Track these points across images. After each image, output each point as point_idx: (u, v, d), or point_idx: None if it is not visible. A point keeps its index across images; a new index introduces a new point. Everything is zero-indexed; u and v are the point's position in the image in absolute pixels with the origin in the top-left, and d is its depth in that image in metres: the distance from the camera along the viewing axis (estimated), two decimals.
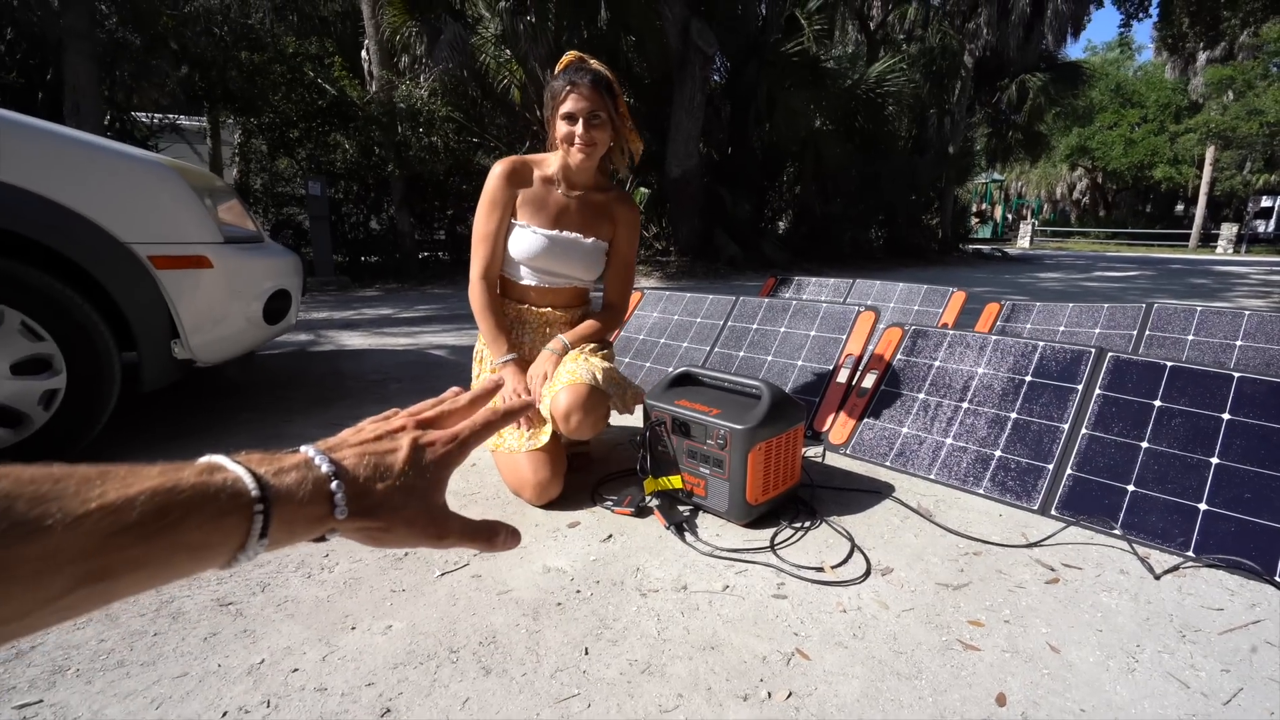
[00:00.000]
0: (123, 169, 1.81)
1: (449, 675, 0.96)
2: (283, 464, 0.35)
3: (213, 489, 0.31)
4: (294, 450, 0.37)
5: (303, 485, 0.34)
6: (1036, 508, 1.53)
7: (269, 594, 1.18)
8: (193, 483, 0.30)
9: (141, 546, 0.27)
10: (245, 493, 0.32)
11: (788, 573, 1.26)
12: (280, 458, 0.35)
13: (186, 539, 0.29)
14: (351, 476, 0.37)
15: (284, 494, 0.33)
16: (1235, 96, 20.09)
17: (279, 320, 2.26)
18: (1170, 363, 1.63)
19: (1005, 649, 1.03)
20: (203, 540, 0.30)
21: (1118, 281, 9.39)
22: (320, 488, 0.35)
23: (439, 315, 5.02)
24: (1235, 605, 1.16)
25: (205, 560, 0.31)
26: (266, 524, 0.32)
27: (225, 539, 0.31)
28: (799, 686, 0.94)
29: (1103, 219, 30.09)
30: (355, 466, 0.37)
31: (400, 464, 0.39)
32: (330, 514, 0.35)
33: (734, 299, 2.65)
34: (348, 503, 0.36)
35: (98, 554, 0.26)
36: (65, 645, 1.03)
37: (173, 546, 0.29)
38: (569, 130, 1.54)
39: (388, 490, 0.38)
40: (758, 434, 1.37)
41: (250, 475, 0.32)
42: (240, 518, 0.31)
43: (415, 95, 8.07)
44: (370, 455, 0.38)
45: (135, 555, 0.27)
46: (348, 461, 0.37)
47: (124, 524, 0.27)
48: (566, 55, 1.60)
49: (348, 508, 0.36)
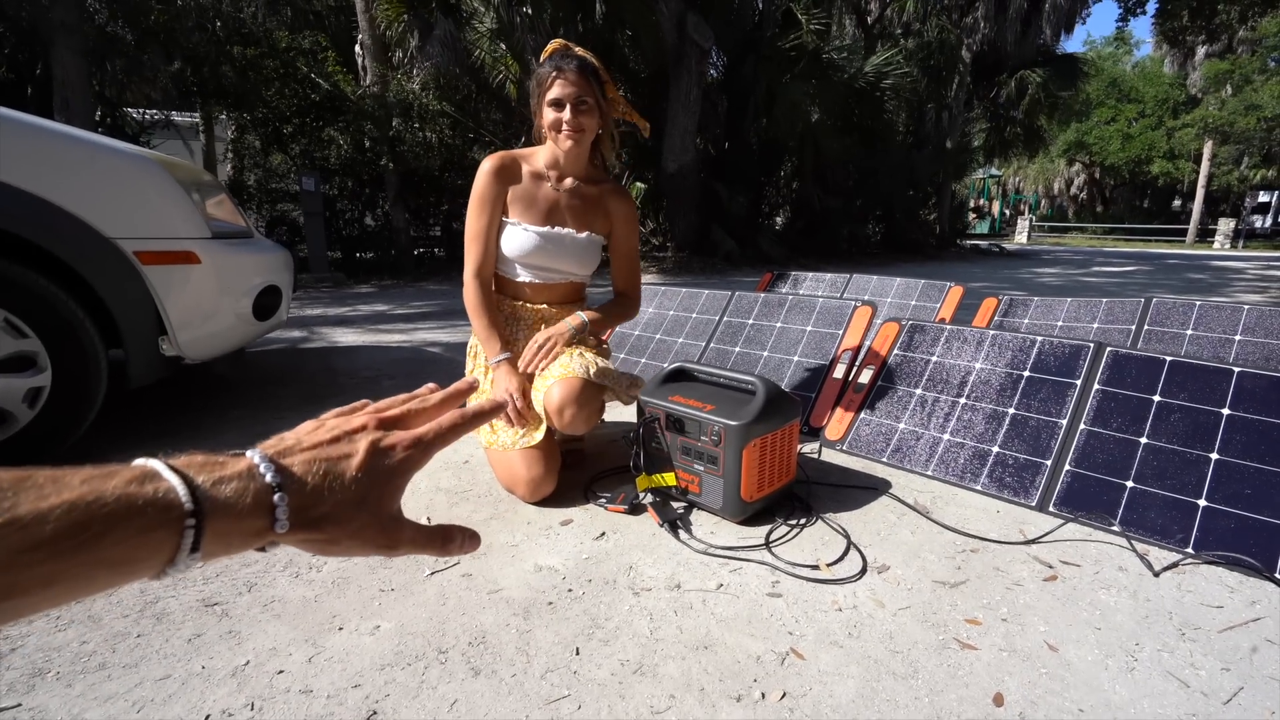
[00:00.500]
0: (106, 163, 1.78)
1: (437, 676, 0.95)
2: (224, 471, 0.33)
3: (140, 502, 0.29)
4: (239, 454, 0.34)
5: (242, 496, 0.32)
6: (1034, 504, 1.52)
7: (255, 594, 1.16)
8: (118, 495, 0.28)
9: (54, 563, 0.26)
10: (177, 505, 0.30)
11: (783, 571, 1.24)
12: (223, 463, 0.33)
13: (107, 555, 0.27)
14: (297, 487, 0.34)
15: (220, 506, 0.31)
16: (1233, 91, 20.08)
17: (269, 317, 2.23)
18: (1170, 357, 1.62)
19: (1003, 648, 1.02)
20: (126, 555, 0.28)
21: (1115, 277, 9.39)
22: (261, 499, 0.33)
23: (434, 312, 4.99)
24: (1235, 602, 1.14)
25: (128, 575, 0.29)
26: (199, 538, 0.30)
27: (152, 554, 0.29)
28: (793, 687, 0.93)
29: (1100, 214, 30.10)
30: (304, 474, 0.35)
31: (353, 471, 0.37)
32: (270, 527, 0.33)
33: (730, 294, 2.63)
34: (290, 515, 0.34)
35: (3, 571, 0.25)
36: (45, 648, 1.01)
37: (92, 563, 0.27)
38: (556, 117, 1.51)
39: (337, 503, 0.36)
40: (752, 430, 1.35)
41: (184, 485, 0.30)
42: (169, 531, 0.29)
43: (409, 90, 8.02)
44: (321, 462, 0.36)
45: (47, 572, 0.26)
46: (296, 468, 0.35)
47: (35, 540, 0.25)
48: (551, 43, 1.57)
49: (289, 521, 0.34)
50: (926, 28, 13.28)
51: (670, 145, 9.14)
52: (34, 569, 0.25)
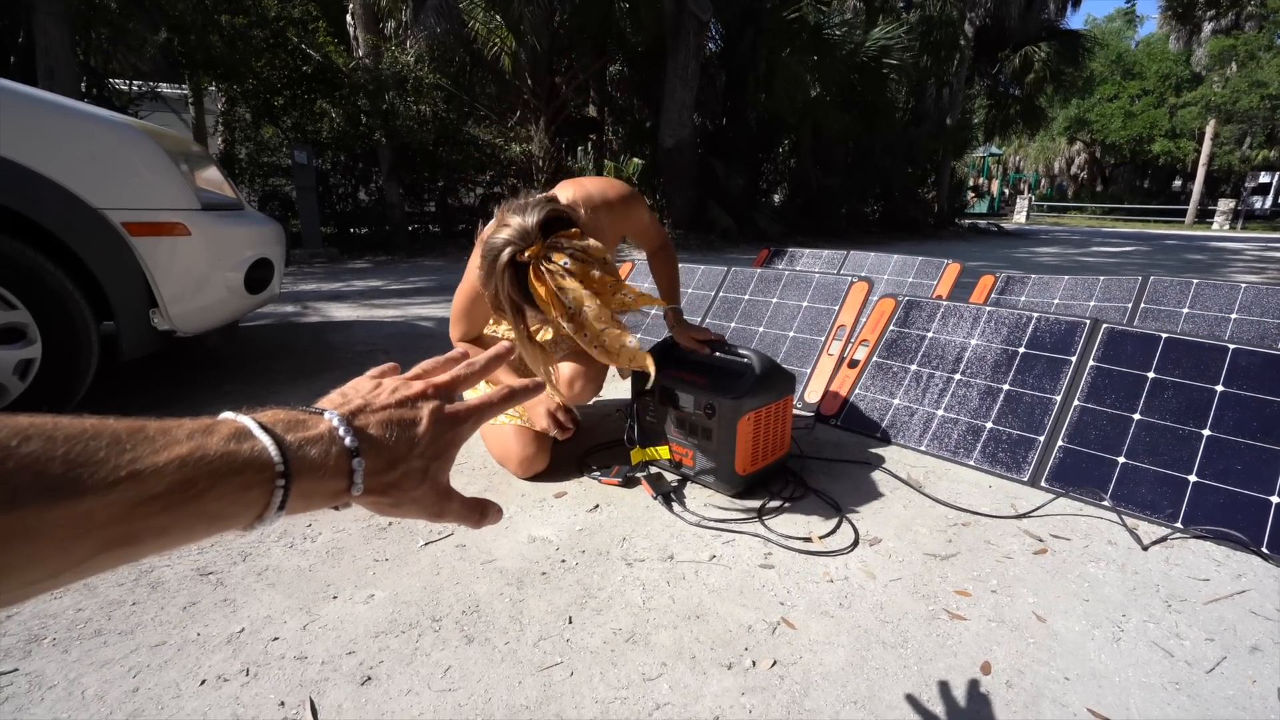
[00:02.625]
0: (92, 131, 1.74)
1: (431, 644, 0.95)
2: (307, 432, 0.33)
3: (240, 460, 0.30)
4: (317, 412, 0.35)
5: (325, 459, 0.33)
6: (1026, 479, 1.53)
7: (250, 563, 1.16)
8: (220, 451, 0.29)
9: (166, 516, 0.27)
10: (270, 465, 0.31)
11: (775, 543, 1.25)
12: (304, 421, 0.34)
13: (209, 509, 0.29)
14: (373, 451, 0.35)
15: (306, 467, 0.32)
16: (1238, 68, 19.85)
17: (261, 290, 2.21)
18: (1165, 334, 1.62)
19: (991, 618, 1.03)
20: (224, 510, 0.30)
21: (1114, 257, 9.37)
22: (341, 463, 0.34)
23: (429, 287, 4.96)
24: (1221, 575, 1.16)
25: (225, 527, 0.31)
26: (286, 497, 0.31)
27: (246, 510, 0.30)
28: (784, 655, 0.94)
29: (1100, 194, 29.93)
30: (379, 439, 0.36)
31: (421, 438, 0.37)
32: (347, 489, 0.34)
33: (725, 269, 2.61)
34: (365, 479, 0.35)
35: (124, 521, 0.26)
36: (42, 614, 1.01)
37: (196, 515, 0.28)
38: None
39: (407, 470, 0.37)
40: (746, 404, 1.35)
41: (276, 446, 0.31)
42: (263, 490, 0.31)
43: (402, 62, 7.87)
44: (394, 426, 0.37)
45: (160, 523, 0.27)
46: (372, 431, 0.36)
47: (151, 493, 0.27)
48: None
49: (364, 484, 0.35)
50: (929, 1, 13.06)
51: (667, 120, 9.02)
52: (150, 520, 0.27)
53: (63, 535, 0.24)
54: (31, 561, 0.24)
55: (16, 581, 0.24)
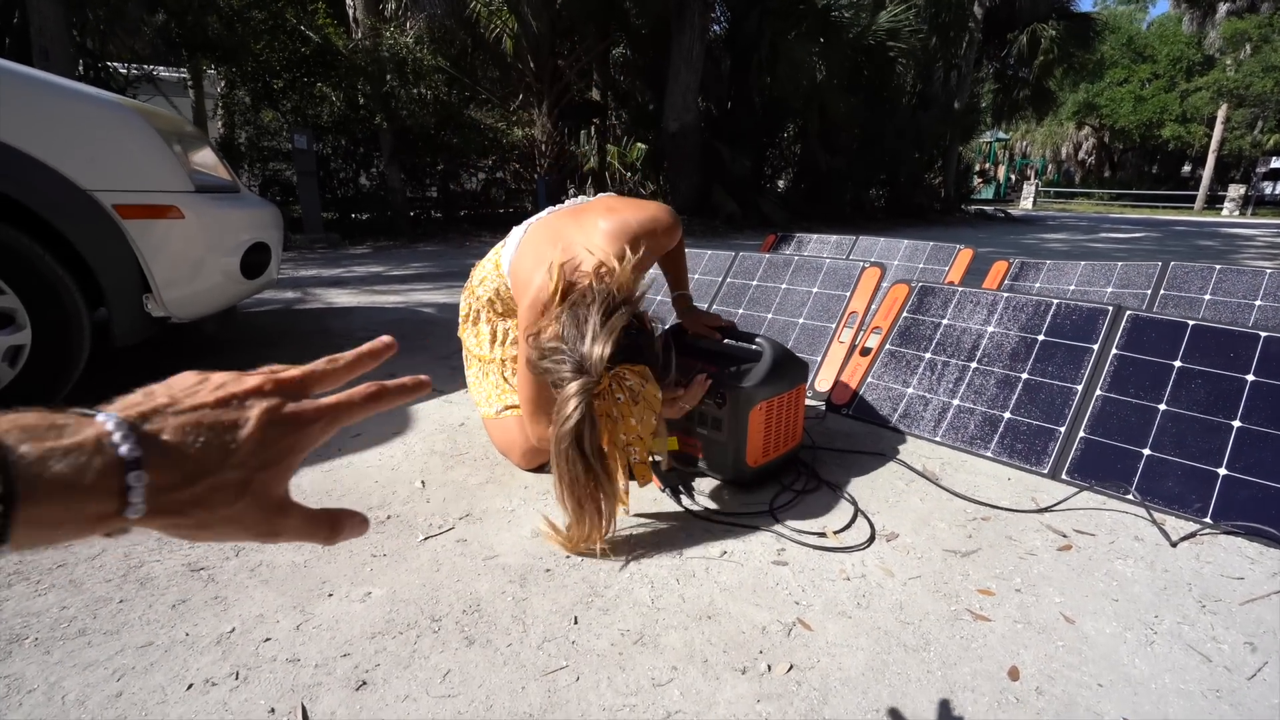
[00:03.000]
0: (81, 111, 1.68)
1: (429, 646, 0.91)
2: (59, 441, 0.25)
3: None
4: (87, 414, 0.27)
5: (80, 476, 0.25)
6: (1047, 471, 1.47)
7: (243, 558, 1.12)
8: None
9: None
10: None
11: (788, 538, 1.20)
12: (61, 427, 0.26)
13: None
14: (164, 461, 0.28)
15: (46, 486, 0.24)
16: (1251, 51, 19.50)
17: (258, 275, 2.15)
18: (1193, 321, 1.55)
19: (1017, 619, 0.98)
20: None
21: (1123, 243, 9.25)
22: (107, 479, 0.26)
23: (430, 273, 4.90)
24: (1256, 574, 1.10)
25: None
26: (5, 527, 0.23)
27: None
28: (800, 659, 0.89)
29: (1107, 180, 29.59)
30: (175, 445, 0.28)
31: (239, 445, 0.30)
32: (118, 512, 0.26)
33: (733, 254, 2.55)
34: (148, 498, 0.27)
35: None
36: (24, 613, 0.97)
37: None
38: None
39: (214, 484, 0.29)
40: (758, 393, 1.30)
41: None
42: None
43: (403, 44, 7.75)
44: (202, 429, 0.29)
45: None
46: (166, 436, 0.28)
47: None
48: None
49: (146, 504, 0.27)
50: None
51: (672, 104, 8.89)
52: None
53: None
54: None
55: None
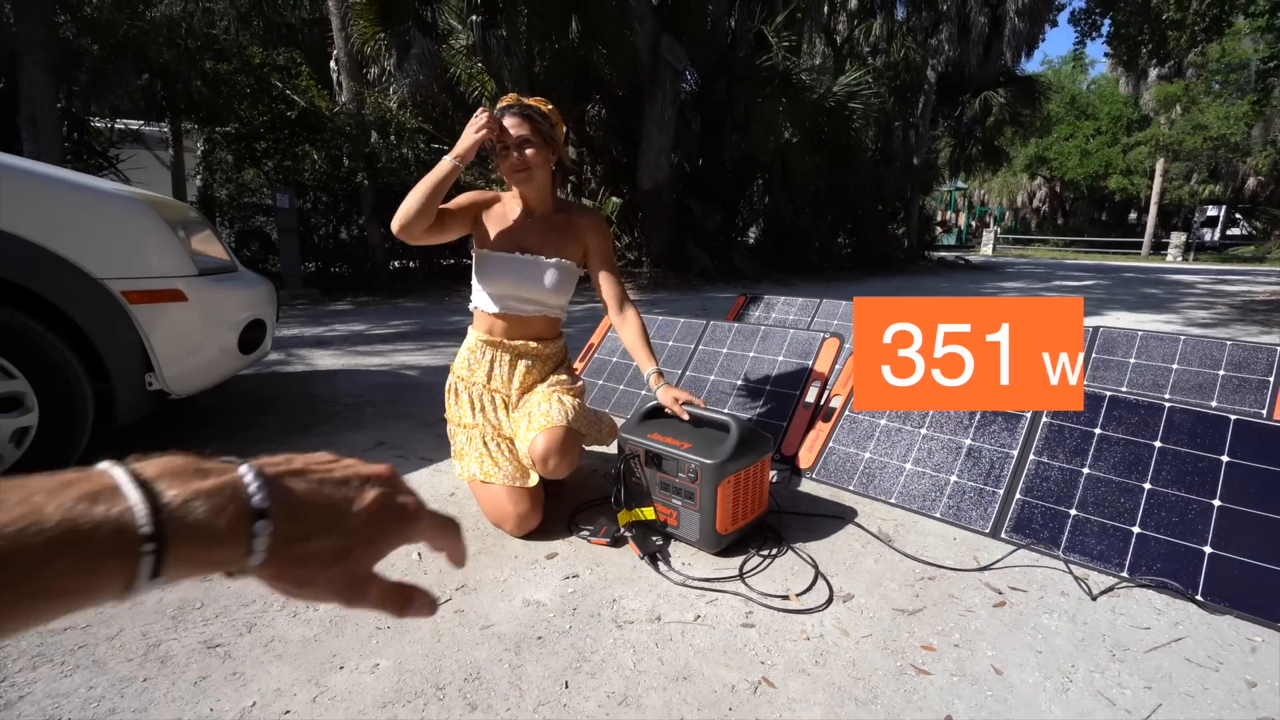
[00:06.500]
0: (95, 204, 1.82)
1: (436, 713, 1.01)
2: (202, 484, 0.29)
3: (86, 526, 0.25)
4: (231, 463, 0.31)
5: (216, 519, 0.28)
6: (988, 531, 1.63)
7: (256, 634, 1.21)
8: (60, 519, 0.25)
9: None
10: (132, 530, 0.26)
11: (755, 601, 1.33)
12: (204, 471, 0.30)
13: (49, 586, 0.24)
14: (289, 514, 0.31)
15: (188, 530, 0.28)
16: (1182, 111, 21.04)
17: (254, 350, 2.27)
18: (1110, 392, 1.76)
19: (954, 672, 1.12)
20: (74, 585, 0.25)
21: (1075, 292, 9.76)
22: (238, 525, 0.29)
23: (412, 331, 5.02)
24: (1161, 624, 1.26)
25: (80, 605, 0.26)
26: (159, 564, 0.27)
27: (104, 582, 0.26)
28: (765, 714, 1.02)
29: (1061, 226, 31.15)
30: (299, 506, 0.32)
31: (353, 516, 0.34)
32: (243, 556, 0.30)
33: (704, 323, 2.73)
34: (269, 549, 0.30)
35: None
36: (54, 694, 1.05)
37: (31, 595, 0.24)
38: (508, 161, 1.65)
39: (325, 546, 0.32)
40: (727, 468, 1.44)
41: (146, 504, 0.27)
42: (124, 559, 0.26)
43: (385, 107, 8.04)
44: (327, 494, 0.33)
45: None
46: (296, 492, 0.32)
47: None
48: (503, 98, 1.70)
49: (267, 555, 0.30)
50: (893, 48, 13.72)
51: (645, 163, 9.28)
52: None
53: None
54: None
55: None
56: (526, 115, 1.64)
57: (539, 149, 1.65)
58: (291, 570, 0.32)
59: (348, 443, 2.31)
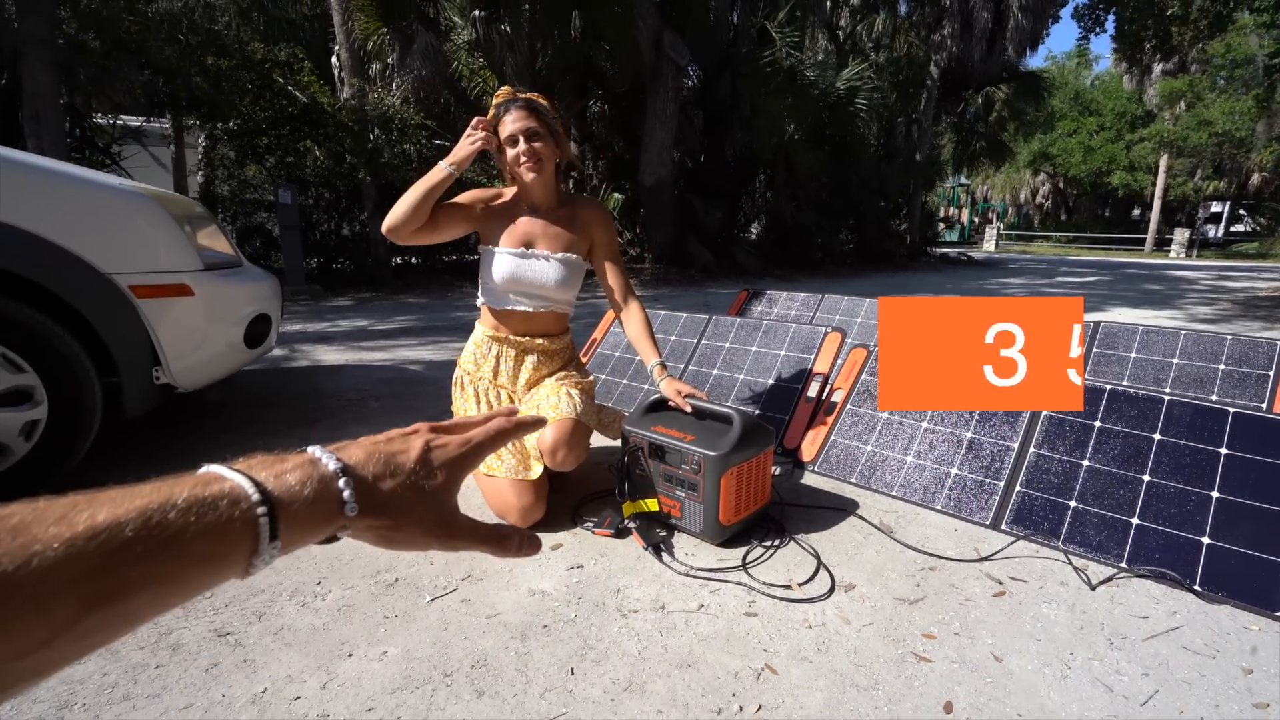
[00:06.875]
0: (103, 200, 1.83)
1: (444, 699, 1.03)
2: (284, 465, 0.35)
3: (208, 499, 0.30)
4: (300, 450, 0.37)
5: (307, 484, 0.34)
6: (989, 523, 1.65)
7: (265, 623, 1.23)
8: (186, 496, 0.30)
9: (148, 562, 0.28)
10: (244, 496, 0.31)
11: (758, 591, 1.35)
12: (283, 459, 0.36)
13: (191, 550, 0.29)
14: (360, 474, 0.37)
15: (287, 494, 0.33)
16: (1186, 107, 20.95)
17: (259, 344, 2.28)
18: (1110, 385, 1.77)
19: (954, 660, 1.14)
20: (210, 550, 0.30)
21: (1077, 288, 9.76)
22: (327, 485, 0.35)
23: (415, 327, 5.04)
24: (1159, 613, 1.28)
25: (220, 570, 0.31)
26: (274, 525, 0.32)
27: (233, 545, 0.31)
28: (768, 700, 1.03)
29: (1064, 223, 31.09)
30: (364, 463, 0.38)
31: (411, 463, 0.39)
32: (340, 511, 0.35)
33: (707, 318, 2.74)
34: (357, 499, 0.36)
35: (101, 574, 0.26)
36: (68, 680, 1.07)
37: (179, 557, 0.29)
38: (514, 152, 1.65)
39: (397, 488, 0.38)
40: (730, 459, 1.46)
41: (248, 480, 0.32)
42: (245, 523, 0.31)
43: (387, 103, 8.04)
44: (380, 454, 0.39)
45: (144, 571, 0.27)
46: (355, 458, 0.37)
47: (120, 541, 0.27)
48: (500, 90, 1.71)
49: (357, 504, 0.35)
50: (896, 44, 13.68)
51: (647, 159, 9.28)
52: (131, 568, 0.27)
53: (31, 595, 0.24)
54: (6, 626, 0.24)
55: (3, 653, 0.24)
56: (532, 108, 1.64)
57: (546, 141, 1.66)
58: (383, 518, 0.37)
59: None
